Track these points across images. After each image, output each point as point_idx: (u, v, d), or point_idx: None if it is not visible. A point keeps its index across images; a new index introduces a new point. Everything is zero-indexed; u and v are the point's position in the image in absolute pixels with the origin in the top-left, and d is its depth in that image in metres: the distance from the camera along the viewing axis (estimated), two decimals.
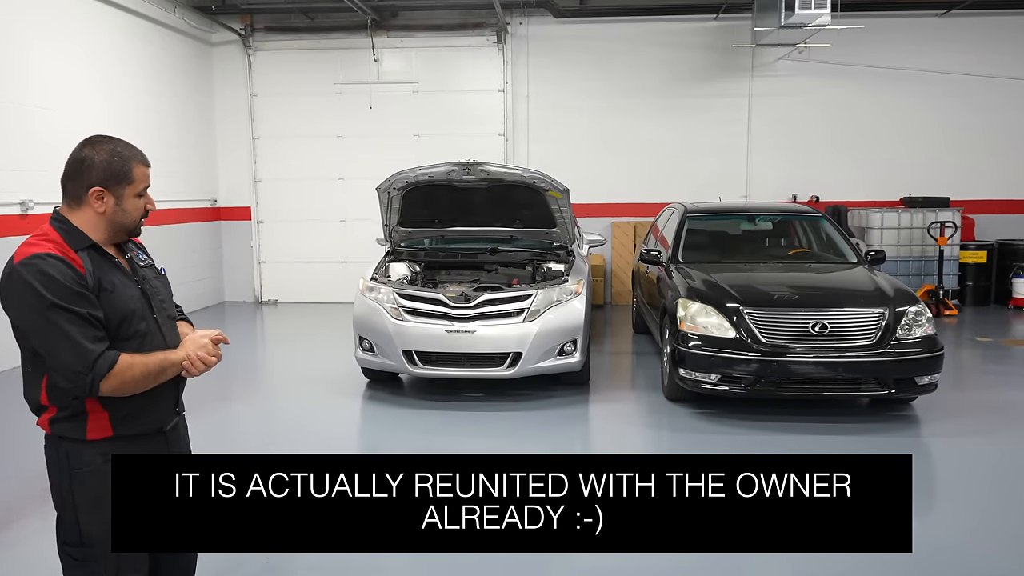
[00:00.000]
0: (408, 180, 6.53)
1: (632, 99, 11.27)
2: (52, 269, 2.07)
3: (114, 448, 2.21)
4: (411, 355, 6.09)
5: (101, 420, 2.20)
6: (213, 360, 2.34)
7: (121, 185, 2.23)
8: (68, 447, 2.20)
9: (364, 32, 11.22)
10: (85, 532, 2.20)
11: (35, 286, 2.05)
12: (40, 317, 2.06)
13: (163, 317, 2.37)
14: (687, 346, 5.75)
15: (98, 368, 2.09)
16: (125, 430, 2.23)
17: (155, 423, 2.33)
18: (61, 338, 2.06)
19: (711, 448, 5.29)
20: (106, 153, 2.21)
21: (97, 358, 2.09)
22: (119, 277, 2.24)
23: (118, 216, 2.25)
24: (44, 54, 8.00)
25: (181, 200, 10.84)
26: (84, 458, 2.20)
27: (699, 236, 7.42)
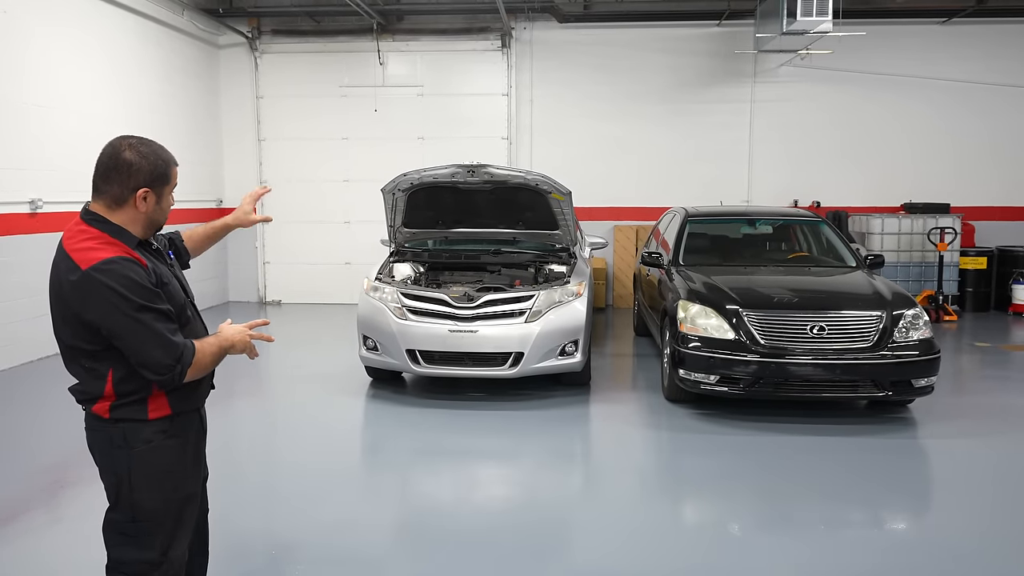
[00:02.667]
0: (413, 181, 6.61)
1: (635, 104, 11.36)
2: (131, 272, 2.20)
3: (173, 427, 2.38)
4: (414, 354, 6.17)
5: (161, 400, 2.34)
6: (252, 347, 2.54)
7: (163, 186, 2.36)
8: (127, 428, 2.32)
9: (370, 36, 11.32)
10: (141, 508, 2.33)
11: (119, 291, 2.16)
12: (129, 319, 2.17)
13: (194, 303, 2.53)
14: (687, 347, 5.82)
15: (184, 359, 2.25)
16: (180, 407, 2.39)
17: (201, 400, 2.54)
18: (150, 336, 2.20)
19: (709, 448, 5.36)
20: (152, 156, 2.31)
21: (183, 351, 2.25)
22: (165, 270, 2.39)
23: (156, 214, 2.37)
24: (54, 55, 8.10)
25: (187, 200, 10.91)
26: (143, 436, 2.33)
27: (700, 239, 7.49)
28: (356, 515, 4.29)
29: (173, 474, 2.39)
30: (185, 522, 2.45)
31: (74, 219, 2.33)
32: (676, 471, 5.16)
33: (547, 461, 5.26)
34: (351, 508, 4.38)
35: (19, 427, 5.71)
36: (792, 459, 5.12)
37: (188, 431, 2.46)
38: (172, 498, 2.39)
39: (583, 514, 4.38)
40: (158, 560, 2.36)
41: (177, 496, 2.41)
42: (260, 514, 4.30)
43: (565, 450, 5.55)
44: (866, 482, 4.74)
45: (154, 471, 2.34)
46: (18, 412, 6.12)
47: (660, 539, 3.99)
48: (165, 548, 2.37)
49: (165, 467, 2.36)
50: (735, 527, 4.19)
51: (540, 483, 4.89)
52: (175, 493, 2.40)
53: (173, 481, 2.40)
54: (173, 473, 2.39)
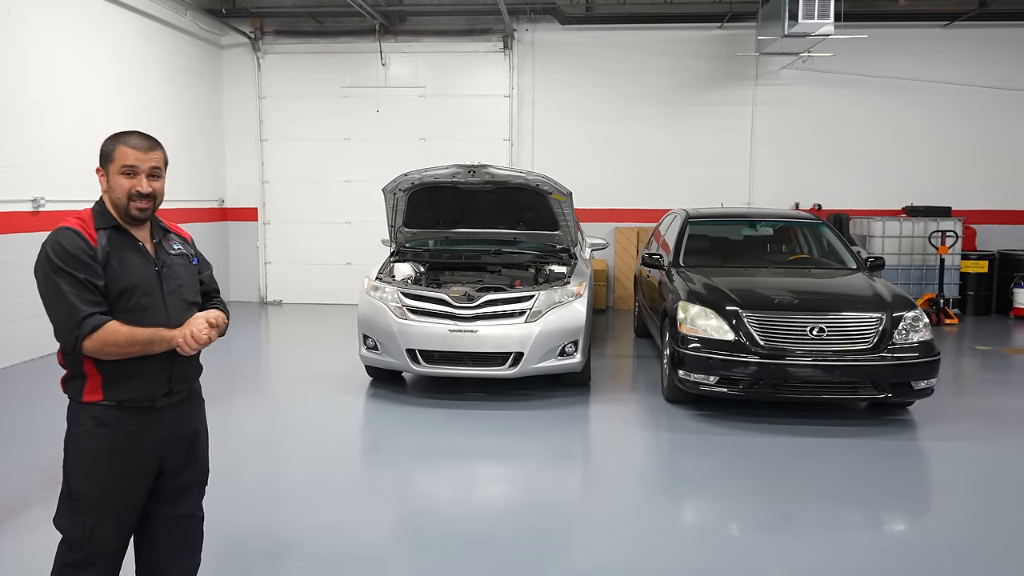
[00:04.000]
0: (414, 181, 6.62)
1: (636, 106, 11.37)
2: (64, 239, 2.37)
3: (105, 415, 2.42)
4: (414, 353, 6.17)
5: (95, 383, 2.41)
6: (205, 339, 2.47)
7: (107, 163, 2.49)
8: (72, 407, 2.47)
9: (372, 36, 11.34)
10: (72, 486, 2.44)
11: (48, 252, 2.36)
12: (47, 279, 2.35)
13: (174, 298, 2.55)
14: (687, 348, 5.82)
15: (84, 326, 2.31)
16: (113, 396, 2.42)
17: (142, 394, 2.47)
18: (58, 297, 2.33)
19: (709, 449, 5.36)
20: (107, 139, 2.51)
21: (85, 318, 2.31)
22: (134, 257, 2.50)
23: (112, 194, 2.49)
24: (58, 55, 8.12)
25: (189, 200, 10.96)
26: (78, 418, 2.44)
27: (700, 241, 7.50)
28: (355, 514, 4.29)
29: (100, 463, 2.42)
30: (107, 516, 2.44)
31: None
32: (675, 472, 5.16)
33: (547, 461, 5.26)
34: (350, 507, 4.38)
35: (18, 424, 5.72)
36: (791, 460, 5.12)
37: (125, 425, 2.44)
38: (95, 487, 2.42)
39: (583, 515, 4.38)
40: (80, 541, 2.43)
41: (100, 487, 2.42)
42: (259, 512, 4.30)
43: (565, 450, 5.55)
44: (865, 483, 4.74)
45: (81, 455, 2.43)
46: (17, 409, 6.13)
47: (659, 540, 3.99)
48: (88, 533, 2.42)
49: (91, 455, 2.42)
50: (734, 528, 4.19)
51: (540, 483, 4.89)
52: (98, 483, 2.42)
53: (97, 471, 2.42)
54: (100, 463, 2.42)
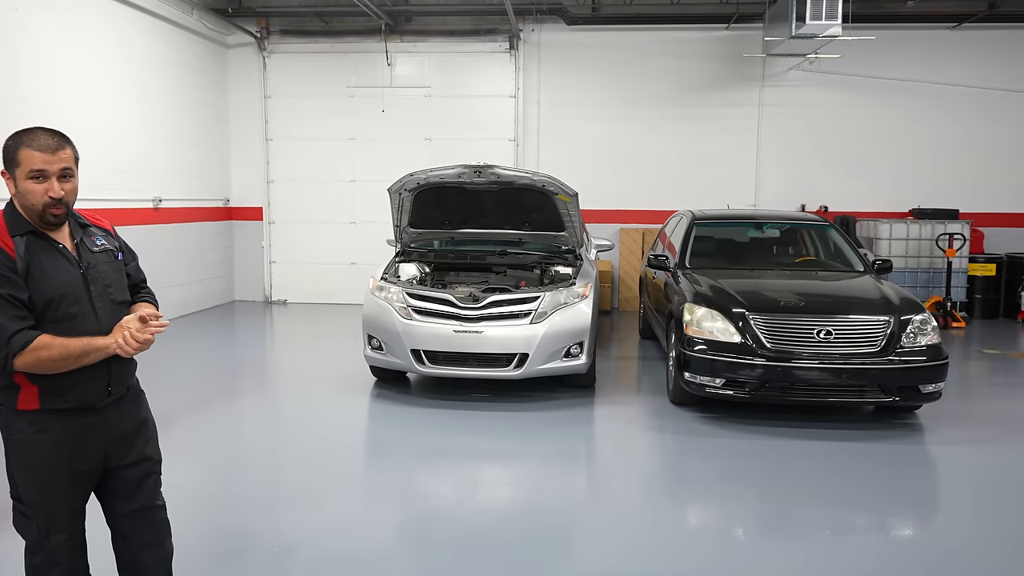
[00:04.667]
0: (419, 181, 6.60)
1: (642, 107, 11.34)
2: None
3: (45, 420, 2.39)
4: (419, 354, 6.15)
5: (30, 394, 2.36)
6: (144, 337, 2.40)
7: (12, 167, 2.35)
8: (5, 415, 2.42)
9: (378, 36, 11.34)
10: (20, 491, 2.45)
11: None
12: None
13: (103, 301, 2.47)
14: (692, 350, 5.79)
15: (12, 344, 2.24)
16: (51, 404, 2.38)
17: (82, 400, 2.44)
18: None
19: (714, 451, 5.33)
20: (8, 139, 2.35)
21: (12, 335, 2.24)
22: (56, 263, 2.38)
23: (22, 200, 2.35)
24: (64, 52, 8.13)
25: (194, 199, 10.96)
26: (15, 426, 2.40)
27: (707, 243, 7.47)
28: (359, 516, 4.27)
29: (41, 468, 2.42)
30: (56, 516, 2.46)
31: None
32: (681, 474, 5.13)
33: (552, 463, 5.24)
34: (353, 509, 4.36)
35: None
36: (797, 463, 5.09)
37: (66, 429, 2.42)
38: (43, 488, 2.43)
39: (587, 517, 4.35)
40: (40, 543, 2.46)
41: (46, 490, 2.43)
42: (262, 513, 4.28)
43: (570, 452, 5.52)
44: (872, 488, 4.70)
45: (24, 460, 2.41)
46: None
47: (664, 542, 3.96)
48: (44, 533, 2.45)
49: (33, 459, 2.41)
50: (739, 531, 4.16)
51: (544, 485, 4.87)
52: (44, 486, 2.43)
53: (42, 473, 2.42)
54: (41, 467, 2.41)
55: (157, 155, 10.07)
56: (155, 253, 9.86)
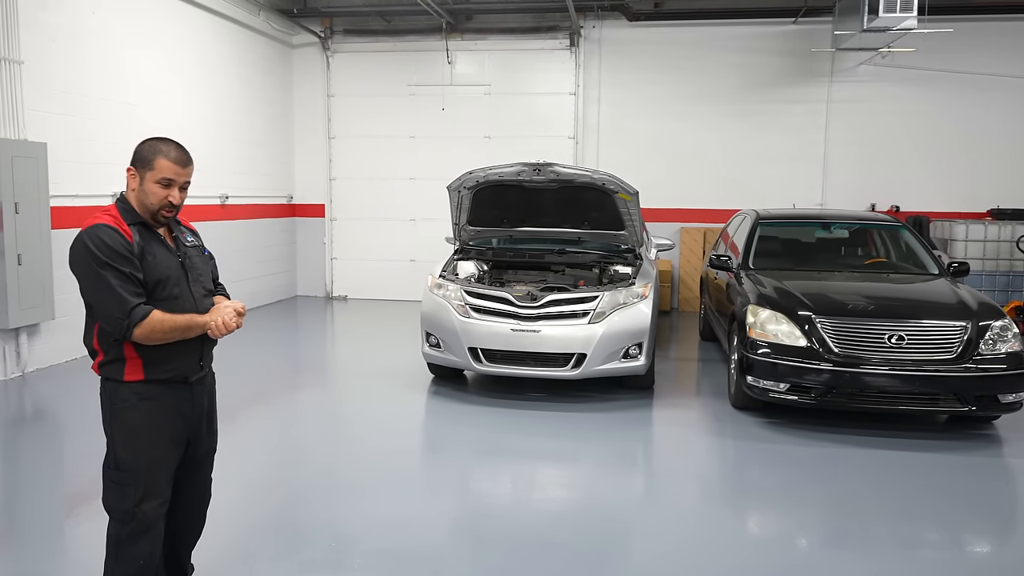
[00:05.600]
0: (478, 179, 6.60)
1: (705, 104, 11.12)
2: (106, 236, 2.54)
3: (148, 390, 2.65)
4: (476, 352, 6.16)
5: (136, 365, 2.63)
6: (233, 326, 2.74)
7: (144, 169, 2.64)
8: (112, 387, 2.66)
9: (439, 35, 11.40)
10: (120, 459, 2.64)
11: (91, 248, 2.52)
12: (92, 272, 2.52)
13: (197, 287, 2.80)
14: (755, 354, 5.64)
15: (133, 316, 2.52)
16: (154, 375, 2.65)
17: (180, 372, 2.71)
18: (107, 290, 2.52)
19: (777, 458, 5.18)
20: (147, 143, 2.69)
21: (133, 308, 2.53)
22: (162, 250, 2.70)
23: (141, 196, 2.66)
24: (138, 54, 8.40)
25: (260, 196, 11.22)
26: (121, 395, 2.64)
27: (771, 243, 7.27)
28: (414, 512, 4.29)
29: (144, 435, 2.64)
30: (155, 481, 2.67)
31: None
32: (741, 481, 5.00)
33: (607, 465, 5.17)
34: (409, 505, 4.38)
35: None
36: (865, 474, 4.91)
37: (165, 398, 2.68)
38: (144, 456, 2.64)
39: (643, 521, 4.28)
40: (132, 510, 2.63)
41: (148, 455, 2.65)
42: (320, 507, 4.33)
43: (626, 454, 5.44)
44: (945, 501, 4.50)
45: (128, 429, 2.64)
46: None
47: (723, 550, 3.86)
48: (138, 500, 2.63)
49: (137, 427, 2.63)
50: (802, 542, 4.03)
51: (600, 487, 4.81)
52: (146, 452, 2.65)
53: (144, 441, 2.64)
54: (144, 434, 2.64)
55: (229, 154, 10.35)
56: (222, 249, 10.03)
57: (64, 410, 6.20)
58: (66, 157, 7.27)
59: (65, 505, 4.30)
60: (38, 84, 6.94)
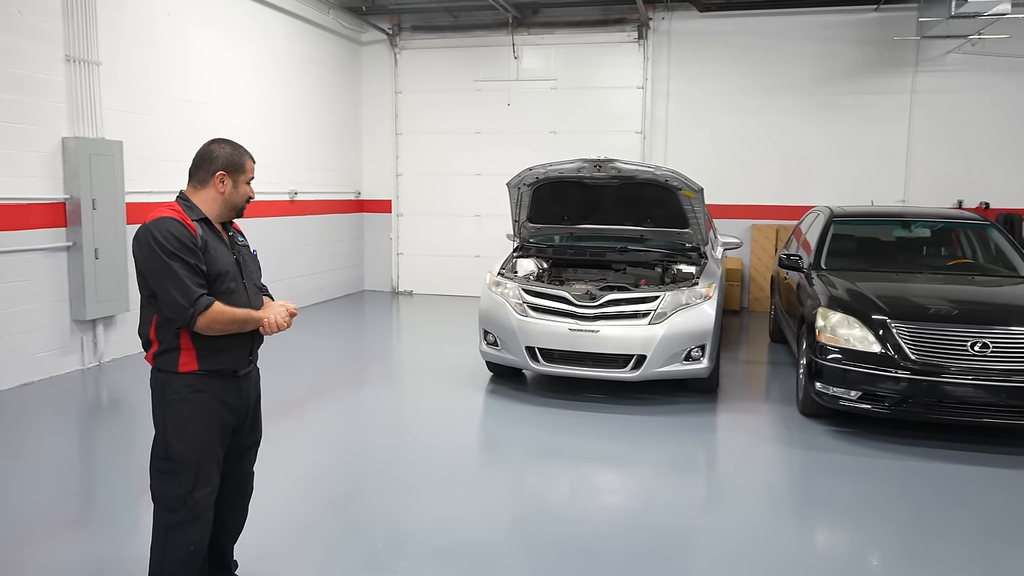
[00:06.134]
0: (538, 176, 6.50)
1: (779, 96, 10.71)
2: (172, 227, 2.66)
3: (200, 382, 2.74)
4: (533, 351, 6.07)
5: (190, 356, 2.72)
6: (285, 325, 2.87)
7: (237, 172, 2.86)
8: (164, 377, 2.74)
9: (505, 30, 11.33)
10: (171, 449, 2.72)
11: (159, 239, 2.63)
12: (160, 262, 2.61)
13: (250, 283, 2.94)
14: (825, 359, 5.37)
15: (198, 305, 2.62)
16: (207, 366, 2.74)
17: (230, 365, 2.82)
18: (173, 279, 2.61)
19: (847, 470, 4.91)
20: (229, 148, 2.87)
21: (198, 298, 2.63)
22: (220, 246, 2.83)
23: (232, 197, 2.86)
24: (210, 54, 8.62)
25: (329, 192, 11.41)
26: (174, 386, 2.72)
27: (845, 242, 6.92)
28: (467, 512, 4.24)
29: (196, 425, 2.73)
30: (205, 469, 2.76)
31: None
32: (808, 493, 4.75)
33: (667, 471, 5.00)
34: (463, 505, 4.33)
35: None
36: (943, 490, 4.60)
37: (215, 390, 2.77)
38: (195, 446, 2.73)
39: (703, 531, 4.10)
40: (184, 498, 2.72)
41: (198, 446, 2.73)
42: (373, 503, 4.34)
43: (687, 460, 5.26)
44: None
45: (181, 419, 2.72)
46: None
47: (788, 566, 3.67)
48: (190, 488, 2.72)
49: (190, 417, 2.72)
50: (873, 559, 3.79)
51: (658, 493, 4.65)
52: (198, 441, 2.73)
53: (196, 431, 2.73)
54: (196, 425, 2.73)
55: (300, 150, 10.56)
56: (290, 244, 10.34)
57: (138, 399, 6.40)
58: (141, 155, 7.51)
59: (139, 490, 4.41)
60: (115, 84, 7.19)
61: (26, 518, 4.03)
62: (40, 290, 6.49)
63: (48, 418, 5.79)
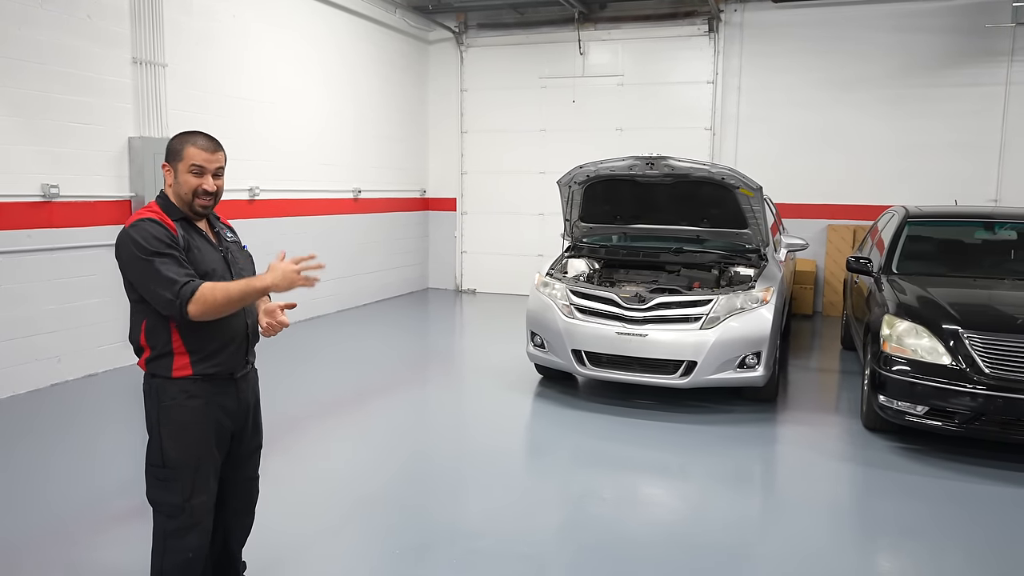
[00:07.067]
0: (589, 174, 6.32)
1: (857, 90, 10.14)
2: (151, 228, 2.56)
3: (193, 388, 2.64)
4: (580, 355, 5.90)
5: (184, 360, 2.62)
6: (300, 280, 2.56)
7: (176, 161, 2.67)
8: (158, 383, 2.65)
9: (571, 25, 11.15)
10: (167, 456, 2.63)
11: (138, 240, 2.53)
12: (141, 262, 2.52)
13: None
14: (890, 370, 4.99)
15: (183, 292, 2.48)
16: (201, 370, 2.64)
17: (226, 367, 2.71)
18: (155, 275, 2.51)
19: (913, 491, 4.55)
20: (177, 136, 2.69)
21: (183, 285, 2.49)
22: (204, 244, 2.72)
23: (177, 189, 2.68)
24: (275, 54, 8.78)
25: (395, 190, 11.50)
26: (169, 392, 2.63)
27: (921, 245, 6.46)
28: (511, 517, 4.15)
29: (192, 432, 2.64)
30: (202, 476, 2.67)
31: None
32: (869, 514, 4.40)
33: (718, 483, 4.74)
34: (507, 509, 4.24)
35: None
36: (1020, 517, 4.20)
37: (211, 395, 2.67)
38: (192, 452, 2.64)
39: (755, 550, 3.85)
40: (182, 505, 2.64)
41: (194, 453, 2.65)
42: (414, 503, 4.30)
43: (740, 473, 4.97)
44: None
45: (176, 425, 2.63)
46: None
47: None
48: (187, 496, 2.64)
49: (185, 424, 2.63)
50: None
51: (709, 506, 4.39)
52: (194, 448, 2.65)
53: (192, 437, 2.64)
54: (192, 431, 2.64)
55: (368, 149, 10.71)
56: (356, 241, 10.48)
57: None
58: None
59: None
60: (180, 85, 7.40)
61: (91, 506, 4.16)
62: (106, 284, 6.73)
63: (112, 407, 5.99)
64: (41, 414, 5.75)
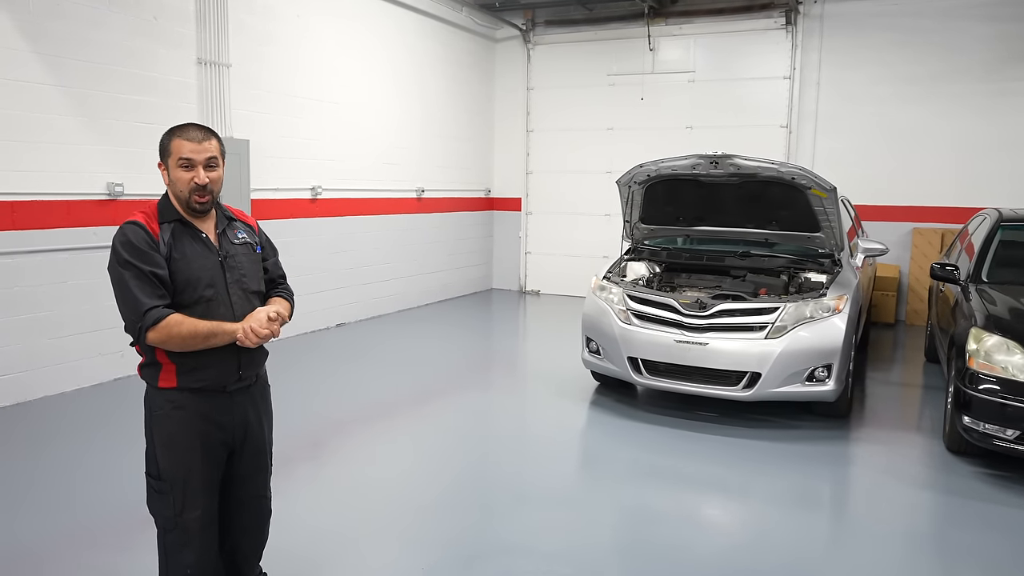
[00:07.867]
0: (650, 173, 6.04)
1: (946, 84, 9.48)
2: (130, 233, 2.45)
3: (181, 398, 2.52)
4: (636, 363, 5.64)
5: (169, 372, 2.51)
6: (265, 333, 2.52)
7: (166, 156, 2.53)
8: (150, 392, 2.57)
9: (640, 21, 10.84)
10: (161, 467, 2.55)
11: (116, 246, 2.44)
12: (115, 271, 2.44)
13: (236, 288, 2.62)
14: (977, 389, 4.56)
15: (147, 318, 2.38)
16: (187, 383, 2.52)
17: (215, 382, 2.57)
18: (125, 289, 2.41)
19: (1000, 523, 4.12)
20: (167, 132, 2.55)
21: (148, 309, 2.38)
22: (197, 249, 2.55)
23: (172, 188, 2.54)
24: (339, 54, 8.80)
25: (460, 189, 11.43)
26: (157, 402, 2.55)
27: (1015, 251, 5.92)
28: (560, 530, 3.98)
29: (179, 444, 2.53)
30: (191, 491, 2.55)
31: None
32: (945, 545, 4.01)
33: (780, 505, 4.41)
34: (556, 522, 4.07)
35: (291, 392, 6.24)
36: None
37: (199, 407, 2.54)
38: (181, 464, 2.53)
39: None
40: (175, 519, 2.55)
41: (184, 464, 2.54)
42: (462, 514, 4.17)
43: (805, 495, 4.62)
44: None
45: (165, 436, 2.53)
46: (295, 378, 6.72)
47: None
48: (179, 510, 2.54)
49: (172, 435, 2.52)
50: None
51: (770, 529, 4.08)
52: (183, 460, 2.53)
53: (180, 448, 2.53)
54: (179, 443, 2.53)
55: (435, 148, 10.69)
56: (419, 240, 10.44)
57: None
58: (269, 153, 7.77)
59: None
60: (244, 85, 7.47)
61: (122, 509, 4.17)
62: None
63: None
64: (97, 409, 5.87)
